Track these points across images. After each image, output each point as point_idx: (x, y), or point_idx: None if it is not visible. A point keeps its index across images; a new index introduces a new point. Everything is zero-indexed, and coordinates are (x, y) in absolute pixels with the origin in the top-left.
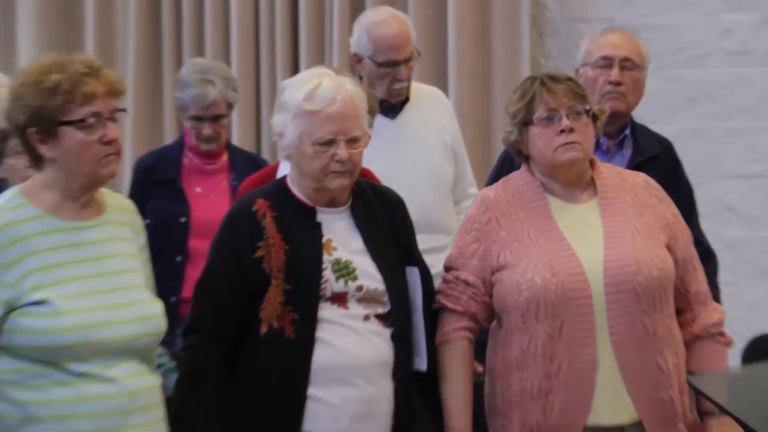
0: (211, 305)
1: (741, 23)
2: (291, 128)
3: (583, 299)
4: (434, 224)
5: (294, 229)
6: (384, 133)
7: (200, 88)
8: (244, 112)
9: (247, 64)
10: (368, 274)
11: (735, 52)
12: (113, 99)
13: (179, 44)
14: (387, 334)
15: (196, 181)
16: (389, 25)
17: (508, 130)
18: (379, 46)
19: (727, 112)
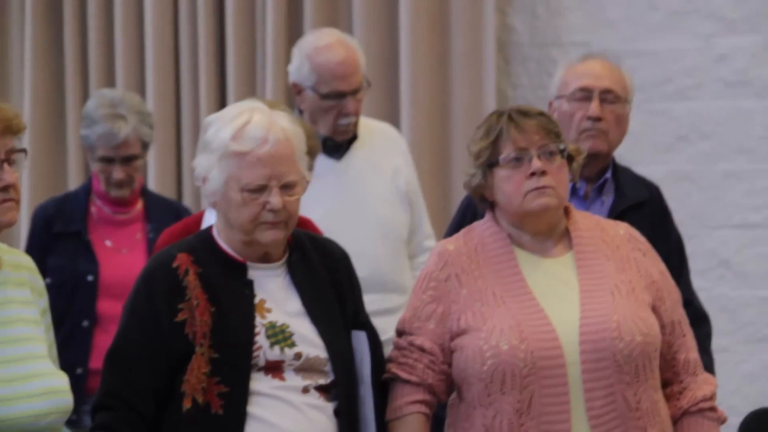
0: (124, 377)
1: (739, 49)
2: (216, 172)
3: (556, 369)
4: (385, 282)
5: (221, 288)
6: (327, 177)
7: (109, 124)
8: (161, 153)
9: (165, 96)
10: (307, 339)
11: (732, 82)
12: (10, 138)
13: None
14: (329, 408)
15: (105, 233)
16: (335, 51)
17: (471, 173)
18: (323, 75)
19: (722, 152)
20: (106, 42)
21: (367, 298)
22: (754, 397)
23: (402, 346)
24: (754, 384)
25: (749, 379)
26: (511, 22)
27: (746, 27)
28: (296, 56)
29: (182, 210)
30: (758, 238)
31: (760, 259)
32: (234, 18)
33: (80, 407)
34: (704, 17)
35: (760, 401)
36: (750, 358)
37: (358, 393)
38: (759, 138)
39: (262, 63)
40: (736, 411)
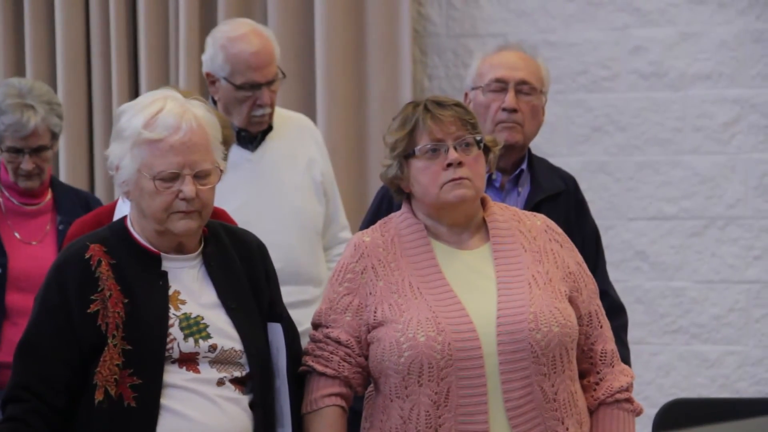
0: (35, 369)
1: (654, 41)
2: (128, 160)
3: (474, 360)
4: (301, 274)
5: (135, 279)
6: (242, 168)
7: (17, 114)
8: (72, 142)
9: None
10: (222, 331)
11: (647, 74)
12: None
13: None
14: (245, 401)
15: (14, 224)
16: (249, 41)
17: (387, 164)
18: (237, 65)
19: (638, 144)
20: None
21: (283, 290)
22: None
23: (318, 339)
24: (670, 375)
25: (665, 370)
26: (427, 12)
27: (661, 19)
28: (210, 46)
29: (92, 201)
30: (673, 229)
31: (675, 250)
32: (146, 5)
33: None
34: (619, 8)
35: (676, 392)
36: (665, 349)
37: (274, 385)
38: (674, 129)
39: (174, 51)
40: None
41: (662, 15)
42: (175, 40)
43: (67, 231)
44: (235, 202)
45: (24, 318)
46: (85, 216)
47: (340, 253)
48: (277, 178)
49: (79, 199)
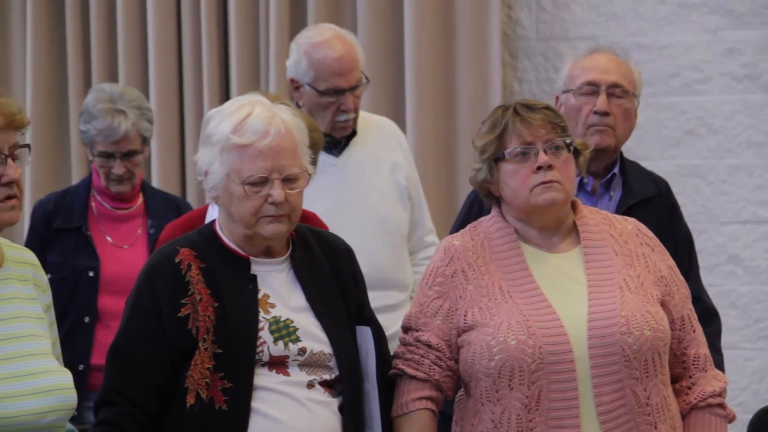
0: (127, 373)
1: (747, 43)
2: (217, 165)
3: (565, 364)
4: (386, 279)
5: (224, 283)
6: (326, 173)
7: (109, 119)
8: (164, 147)
9: (167, 89)
10: (312, 335)
11: (740, 76)
12: (13, 133)
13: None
14: (335, 404)
15: (106, 228)
16: (332, 47)
17: (476, 168)
18: (321, 71)
19: (731, 147)
20: (109, 36)
21: (368, 294)
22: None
23: (408, 342)
24: (764, 381)
25: (759, 376)
26: (516, 15)
27: (754, 20)
28: (294, 52)
29: (183, 205)
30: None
31: None
32: (237, 11)
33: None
34: (712, 11)
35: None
36: (760, 355)
37: (363, 389)
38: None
39: (265, 56)
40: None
41: (756, 17)
42: (266, 45)
43: (158, 235)
44: (319, 207)
45: (116, 321)
46: (177, 220)
47: (426, 257)
48: (361, 183)
49: (169, 204)
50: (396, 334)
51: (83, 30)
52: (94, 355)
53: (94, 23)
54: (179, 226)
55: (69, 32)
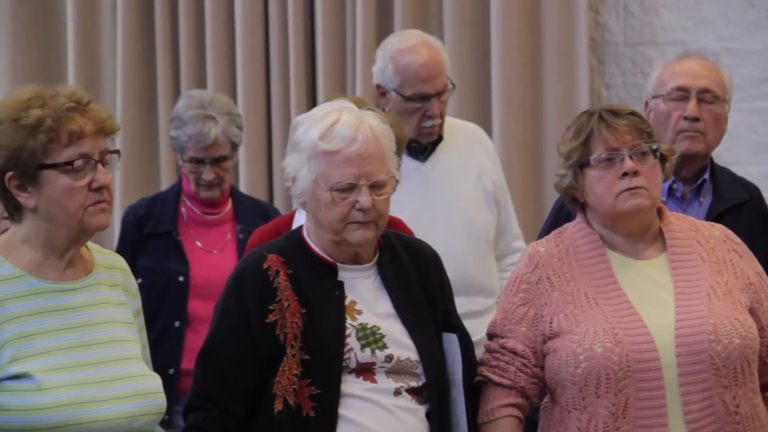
0: (215, 378)
1: None
2: (305, 171)
3: (652, 372)
4: (472, 284)
5: (312, 289)
6: (412, 178)
7: (199, 125)
8: (252, 153)
9: (255, 96)
10: (399, 341)
11: None
12: (103, 138)
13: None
14: (421, 411)
15: (195, 233)
16: (418, 53)
17: (561, 174)
18: (407, 77)
19: None
20: (197, 42)
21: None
22: None
23: (493, 349)
24: None
25: None
26: (604, 20)
27: None
28: (380, 58)
29: (271, 210)
30: None
31: None
32: (324, 18)
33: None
34: None
35: None
36: None
37: (450, 396)
38: None
39: (351, 62)
40: None
41: None
42: (352, 51)
43: (246, 240)
44: (405, 213)
45: (205, 325)
46: (265, 225)
47: (513, 263)
48: (447, 189)
49: (257, 209)
50: (482, 340)
51: (172, 37)
52: (184, 359)
53: (183, 30)
54: (267, 232)
55: (158, 39)
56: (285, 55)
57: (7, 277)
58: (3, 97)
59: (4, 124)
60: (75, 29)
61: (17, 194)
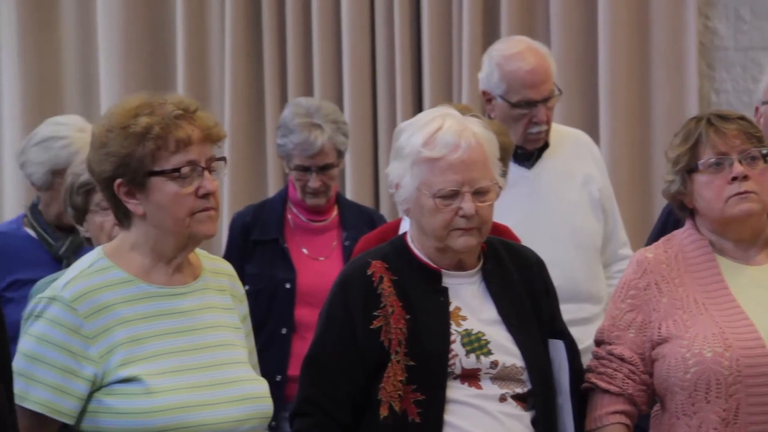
0: (321, 384)
1: None
2: (408, 178)
3: (763, 376)
4: (579, 291)
5: (416, 295)
6: (518, 185)
7: (305, 133)
8: (358, 160)
9: (362, 103)
10: (504, 348)
11: None
12: (210, 146)
13: (284, 81)
14: (527, 418)
15: (302, 240)
16: (524, 59)
17: (669, 180)
18: (513, 83)
19: None
20: (304, 50)
21: (561, 307)
22: None
23: (601, 356)
24: None
25: None
26: (714, 25)
27: None
28: (486, 64)
29: (376, 217)
30: None
31: None
32: (430, 24)
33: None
34: None
35: None
36: None
37: (556, 402)
38: None
39: (458, 69)
40: None
41: None
42: (458, 58)
43: (352, 247)
44: (511, 220)
45: (311, 332)
46: (371, 233)
47: (620, 270)
48: (553, 195)
49: (363, 216)
50: (590, 348)
51: (280, 45)
52: (290, 366)
53: (290, 38)
54: (373, 239)
55: (266, 47)
56: (391, 62)
57: (116, 282)
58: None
59: (114, 131)
60: (184, 38)
61: (126, 201)
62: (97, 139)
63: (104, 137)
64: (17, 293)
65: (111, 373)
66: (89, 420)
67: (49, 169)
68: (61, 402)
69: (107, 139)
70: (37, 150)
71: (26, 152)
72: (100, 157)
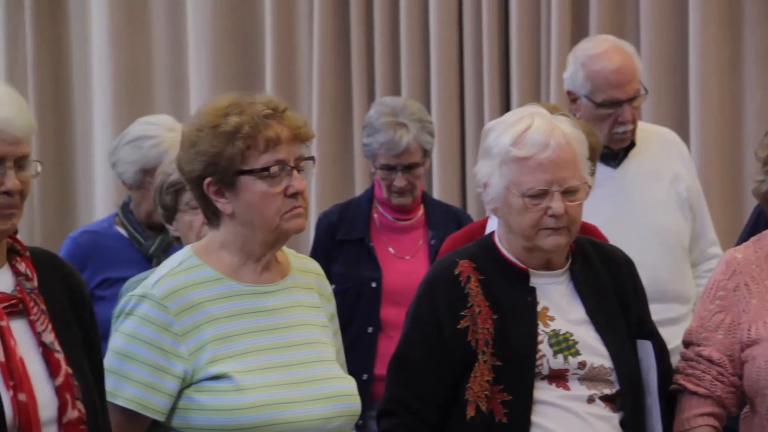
0: (408, 384)
1: None
2: (497, 178)
3: None
4: (666, 291)
5: (503, 295)
6: (604, 185)
7: (391, 132)
8: (445, 159)
9: (449, 102)
10: (592, 348)
11: None
12: (299, 145)
13: (371, 81)
14: (615, 419)
15: (388, 240)
16: (610, 59)
17: (759, 179)
18: (598, 82)
19: None
20: (392, 50)
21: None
22: None
23: (689, 357)
24: None
25: None
26: None
27: None
28: (571, 64)
29: (463, 216)
30: None
31: None
32: (518, 23)
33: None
34: None
35: None
36: None
37: (644, 404)
38: None
39: (546, 68)
40: None
41: None
42: (546, 57)
43: (438, 246)
44: (598, 220)
45: (397, 331)
46: (458, 232)
47: (708, 270)
48: (640, 195)
49: (449, 215)
50: (677, 348)
51: (367, 44)
52: (377, 365)
53: (378, 38)
54: (460, 239)
55: (353, 47)
56: (479, 61)
57: (206, 280)
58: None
59: (204, 130)
60: (272, 38)
61: (215, 200)
62: (187, 139)
63: (194, 136)
64: (108, 291)
65: (201, 370)
66: (179, 417)
67: (139, 168)
68: (151, 399)
69: (197, 138)
70: (128, 149)
71: (117, 151)
72: (190, 156)
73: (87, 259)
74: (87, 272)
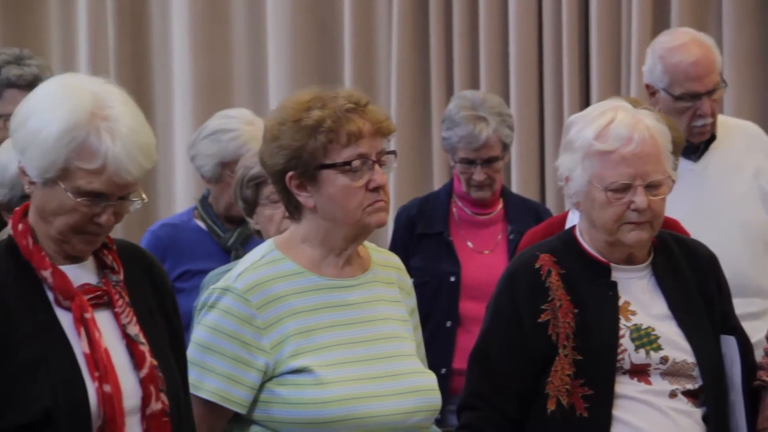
0: (489, 378)
1: None
2: (579, 171)
3: None
4: (748, 286)
5: (584, 289)
6: (684, 178)
7: (470, 126)
8: (524, 153)
9: (528, 95)
10: (674, 343)
11: None
12: (380, 139)
13: (449, 74)
14: (698, 414)
15: (466, 234)
16: (688, 51)
17: None
18: (676, 76)
19: None
20: (471, 44)
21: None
22: None
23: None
24: None
25: None
26: None
27: None
28: (649, 57)
29: (542, 211)
30: None
31: None
32: (598, 17)
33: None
34: None
35: None
36: None
37: (728, 399)
38: None
39: (626, 62)
40: None
41: None
42: (627, 50)
43: (517, 240)
44: (678, 213)
45: (476, 326)
46: (537, 227)
47: None
48: (721, 189)
49: (529, 209)
50: (759, 343)
51: (446, 38)
52: (455, 359)
53: (457, 32)
54: (539, 233)
55: (432, 41)
56: (558, 54)
57: (288, 273)
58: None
59: (286, 124)
60: (351, 32)
61: (297, 194)
62: (269, 132)
63: (276, 130)
64: (188, 284)
65: (282, 363)
66: (261, 410)
67: (218, 162)
68: (233, 391)
69: (279, 132)
70: (207, 142)
71: (196, 145)
72: (272, 150)
73: (166, 252)
74: (166, 265)
